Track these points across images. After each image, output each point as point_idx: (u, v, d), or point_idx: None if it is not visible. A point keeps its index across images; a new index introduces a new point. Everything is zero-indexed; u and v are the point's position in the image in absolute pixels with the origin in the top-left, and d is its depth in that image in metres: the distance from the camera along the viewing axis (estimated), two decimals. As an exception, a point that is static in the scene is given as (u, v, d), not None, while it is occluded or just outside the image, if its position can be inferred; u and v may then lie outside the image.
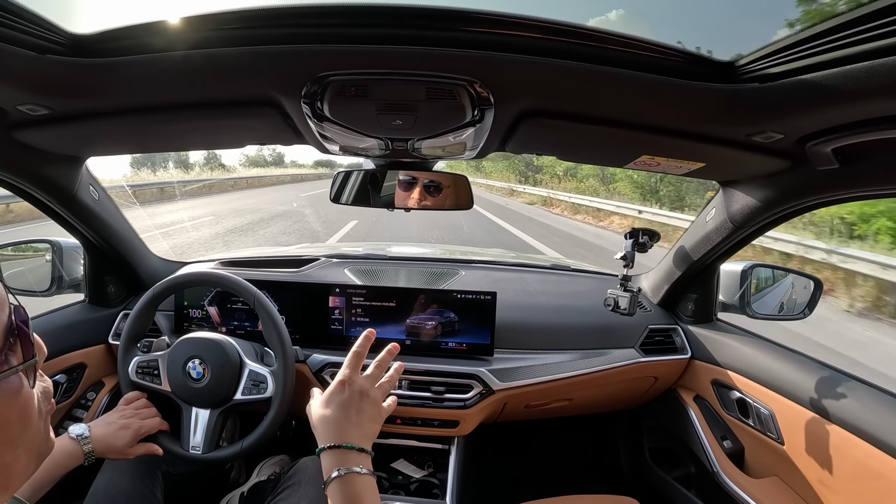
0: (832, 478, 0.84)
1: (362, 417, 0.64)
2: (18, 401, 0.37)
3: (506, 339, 1.17)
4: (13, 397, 0.37)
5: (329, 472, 0.58)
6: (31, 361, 0.39)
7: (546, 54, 0.55)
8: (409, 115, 0.68)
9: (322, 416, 0.63)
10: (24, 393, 0.38)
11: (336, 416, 0.63)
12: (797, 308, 1.12)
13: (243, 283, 1.00)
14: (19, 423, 0.38)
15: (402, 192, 1.01)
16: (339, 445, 0.60)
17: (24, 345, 0.39)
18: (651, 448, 1.42)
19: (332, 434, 0.61)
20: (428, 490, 1.11)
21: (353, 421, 0.63)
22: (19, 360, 0.38)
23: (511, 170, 23.74)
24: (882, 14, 0.42)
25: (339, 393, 0.65)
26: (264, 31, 0.55)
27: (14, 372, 0.37)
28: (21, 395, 0.38)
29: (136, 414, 0.92)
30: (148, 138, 0.87)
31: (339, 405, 0.64)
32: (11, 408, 0.37)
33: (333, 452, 0.60)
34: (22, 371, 0.38)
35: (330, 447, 0.60)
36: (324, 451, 0.60)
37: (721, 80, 0.57)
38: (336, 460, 0.59)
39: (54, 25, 0.53)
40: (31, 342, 0.39)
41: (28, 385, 0.39)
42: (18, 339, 0.38)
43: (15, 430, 0.37)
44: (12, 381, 0.37)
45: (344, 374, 0.66)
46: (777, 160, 0.75)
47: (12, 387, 0.37)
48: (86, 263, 1.19)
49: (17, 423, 0.37)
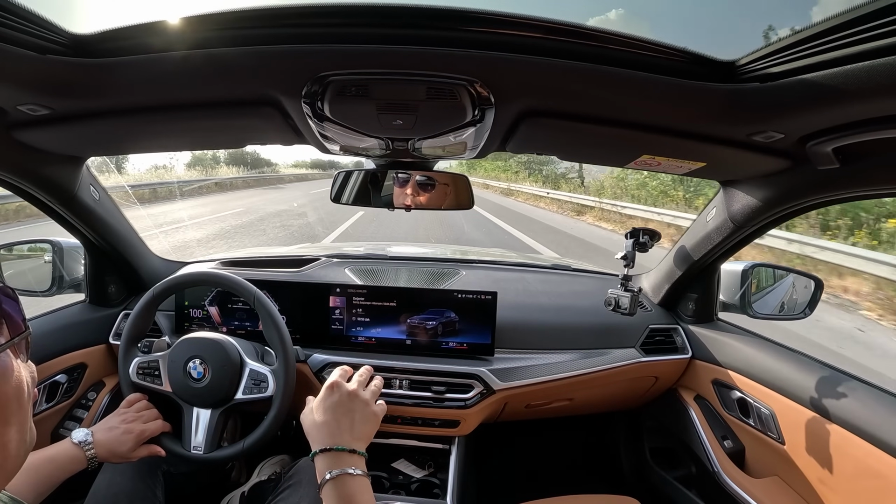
0: (833, 477, 0.84)
1: (353, 419, 0.65)
2: (13, 380, 0.38)
3: (506, 339, 1.17)
4: (9, 375, 0.38)
5: (322, 475, 0.59)
6: (24, 334, 0.41)
7: (547, 54, 0.55)
8: (410, 114, 0.68)
9: (314, 421, 0.65)
10: (16, 371, 0.39)
11: (327, 420, 0.64)
12: (798, 308, 1.12)
13: (243, 283, 1.00)
14: (15, 402, 0.39)
15: (402, 191, 1.01)
16: (330, 448, 0.61)
17: (10, 323, 0.40)
18: (652, 448, 1.42)
19: (324, 437, 0.62)
20: (428, 490, 1.11)
21: (344, 424, 0.64)
22: (7, 339, 0.39)
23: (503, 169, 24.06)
24: (883, 13, 0.41)
25: (328, 396, 0.66)
26: (265, 30, 0.55)
27: (3, 349, 0.38)
28: (14, 373, 0.39)
29: (139, 417, 0.92)
30: (148, 138, 0.87)
31: (330, 408, 0.65)
32: (8, 384, 0.38)
33: (326, 455, 0.61)
34: (11, 350, 0.39)
35: (322, 451, 0.61)
36: (317, 454, 0.61)
37: (722, 79, 0.57)
38: (329, 463, 0.60)
39: (55, 25, 0.53)
40: (17, 320, 0.40)
41: (17, 364, 0.40)
42: (3, 319, 0.39)
43: (11, 409, 0.38)
44: (3, 359, 0.38)
45: (332, 379, 0.68)
46: (778, 160, 0.75)
47: (6, 364, 0.38)
48: (86, 263, 1.19)
49: (13, 401, 0.38)
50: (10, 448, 0.38)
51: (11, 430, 0.38)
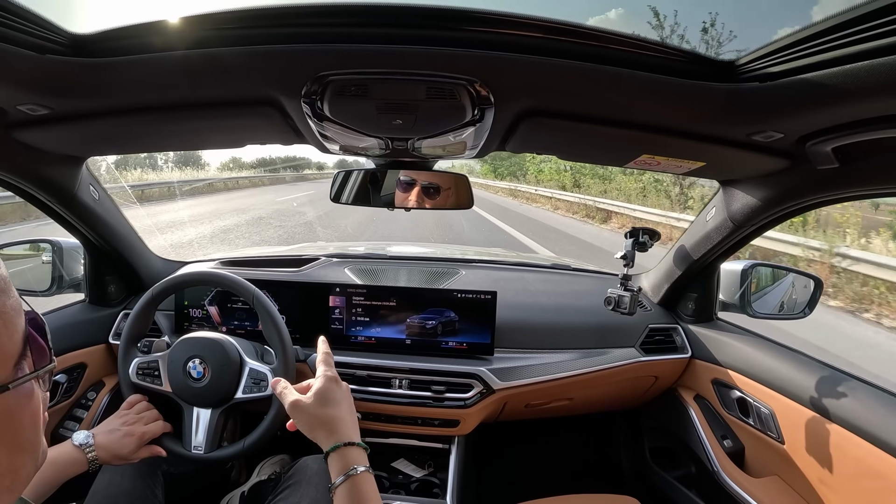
0: (832, 477, 0.84)
1: (352, 410, 0.65)
2: (31, 407, 0.38)
3: (506, 339, 1.17)
4: (27, 403, 0.38)
5: (338, 474, 0.58)
6: (49, 367, 0.40)
7: (546, 54, 0.55)
8: (409, 114, 0.68)
9: (325, 415, 0.63)
10: (35, 399, 0.38)
11: (339, 414, 0.63)
12: (797, 307, 1.12)
13: (243, 283, 1.00)
14: (31, 429, 0.38)
15: (401, 191, 1.01)
16: (350, 443, 0.60)
17: (36, 352, 0.39)
18: (651, 447, 1.42)
19: (341, 432, 0.61)
20: (428, 490, 1.11)
21: (349, 418, 0.64)
22: (31, 368, 0.38)
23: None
24: (882, 13, 0.41)
25: (336, 390, 0.65)
26: (264, 30, 0.55)
27: (29, 379, 0.38)
28: (33, 401, 0.38)
29: (140, 419, 0.91)
30: (148, 138, 0.87)
31: (337, 402, 0.64)
32: (24, 414, 0.37)
33: (343, 451, 0.60)
34: (35, 379, 0.39)
35: (342, 446, 0.60)
36: (331, 453, 0.60)
37: (721, 79, 0.57)
38: (343, 460, 0.59)
39: (54, 25, 0.53)
40: (45, 350, 0.40)
41: (39, 392, 0.39)
42: (31, 347, 0.39)
43: (26, 436, 0.38)
44: (26, 387, 0.38)
45: (332, 372, 0.67)
46: (777, 159, 0.75)
47: (26, 392, 0.38)
48: (86, 263, 1.19)
49: (29, 428, 0.38)
50: (20, 473, 0.38)
51: (25, 457, 0.38)
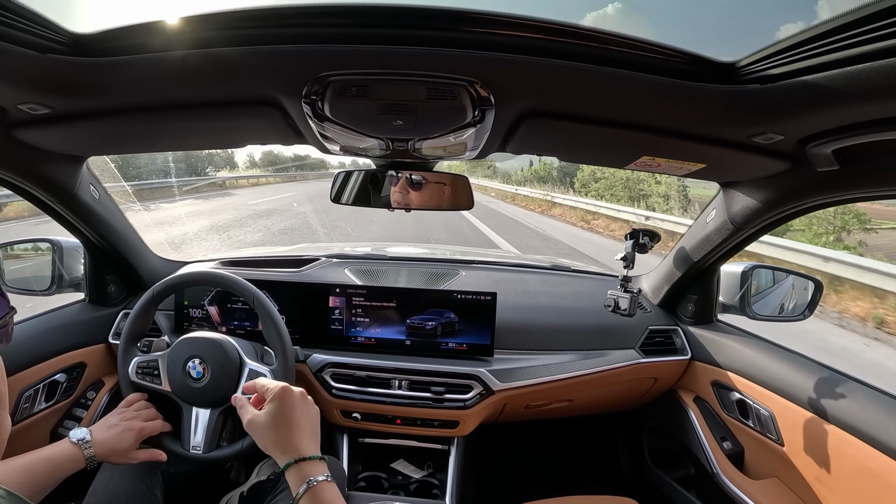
0: (832, 478, 0.84)
1: (311, 419, 0.64)
2: None
3: (506, 340, 1.17)
4: None
5: (298, 486, 0.57)
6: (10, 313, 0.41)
7: (547, 55, 0.55)
8: (410, 115, 0.69)
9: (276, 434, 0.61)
10: None
11: (290, 431, 0.62)
12: (797, 309, 1.12)
13: (243, 283, 1.00)
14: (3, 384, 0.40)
15: (401, 192, 1.01)
16: (303, 458, 0.59)
17: None
18: (651, 449, 1.41)
19: (294, 448, 0.60)
20: (428, 490, 1.11)
21: (306, 430, 0.62)
22: None
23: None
24: (883, 15, 0.42)
25: (287, 403, 0.63)
26: (265, 30, 0.55)
27: None
28: None
29: (138, 415, 0.91)
30: (148, 138, 0.87)
31: (289, 416, 0.62)
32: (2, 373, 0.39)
33: (298, 467, 0.59)
34: None
35: (294, 462, 0.59)
36: (290, 466, 0.59)
37: (722, 80, 0.57)
38: (301, 473, 0.58)
39: (55, 25, 0.53)
40: None
41: None
42: None
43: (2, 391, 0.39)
44: None
45: (280, 384, 0.65)
46: (778, 161, 0.75)
47: None
48: (86, 262, 1.19)
49: (2, 382, 0.39)
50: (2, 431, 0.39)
51: (4, 412, 0.40)
